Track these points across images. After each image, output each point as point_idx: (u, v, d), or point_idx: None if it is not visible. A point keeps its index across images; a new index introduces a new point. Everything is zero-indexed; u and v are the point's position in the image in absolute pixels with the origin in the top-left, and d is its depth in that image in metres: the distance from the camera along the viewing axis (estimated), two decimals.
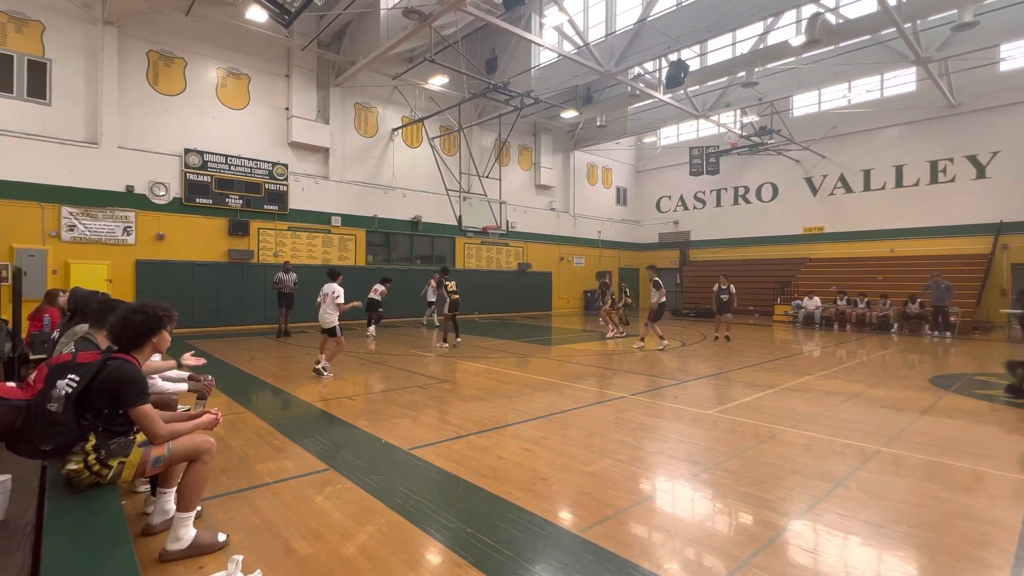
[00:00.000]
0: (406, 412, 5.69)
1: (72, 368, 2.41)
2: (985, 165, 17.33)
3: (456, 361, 9.33)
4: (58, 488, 2.36)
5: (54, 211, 11.97)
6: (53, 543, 1.90)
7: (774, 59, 15.00)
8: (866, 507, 3.28)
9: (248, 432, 4.83)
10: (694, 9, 13.75)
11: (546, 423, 5.25)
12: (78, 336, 3.36)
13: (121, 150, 12.83)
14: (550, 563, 2.64)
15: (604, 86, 18.46)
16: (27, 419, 2.32)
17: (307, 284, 13.53)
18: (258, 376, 7.71)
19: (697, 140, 24.19)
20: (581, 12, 18.27)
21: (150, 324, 2.60)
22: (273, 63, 15.31)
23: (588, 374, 8.12)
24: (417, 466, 4.03)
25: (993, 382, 7.55)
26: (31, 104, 11.79)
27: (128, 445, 2.45)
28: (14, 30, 11.61)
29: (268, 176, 15.15)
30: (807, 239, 21.49)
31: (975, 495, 3.52)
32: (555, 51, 14.86)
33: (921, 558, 2.72)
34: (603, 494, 3.47)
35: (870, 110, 19.25)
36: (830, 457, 4.24)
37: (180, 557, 2.58)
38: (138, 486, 3.32)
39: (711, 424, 5.27)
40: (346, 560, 2.63)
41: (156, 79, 13.41)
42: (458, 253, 20.05)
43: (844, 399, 6.38)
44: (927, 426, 5.22)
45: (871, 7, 12.59)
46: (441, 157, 17.85)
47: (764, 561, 2.64)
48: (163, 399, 3.31)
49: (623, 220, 26.99)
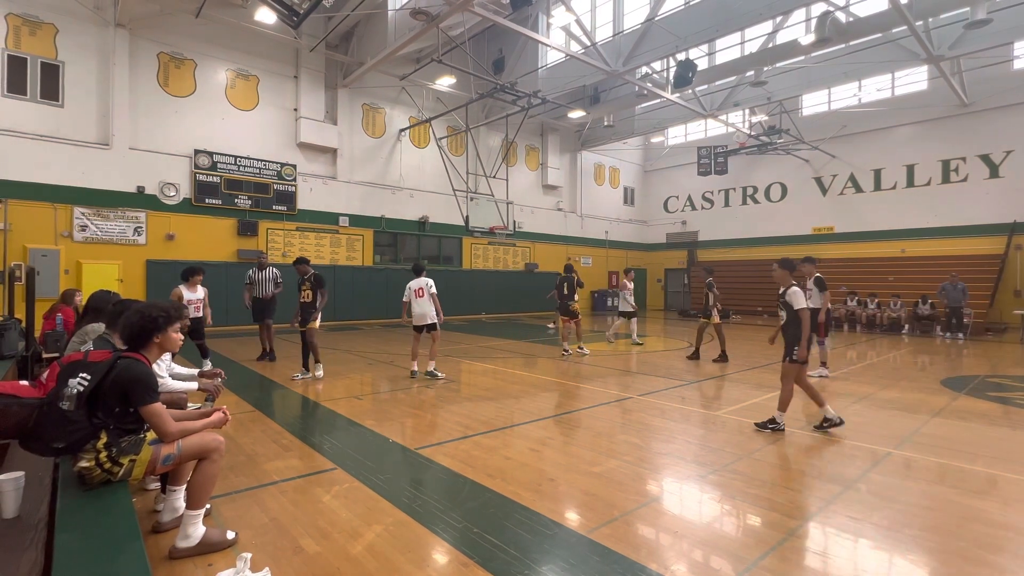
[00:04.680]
0: (413, 412, 5.71)
1: (84, 367, 2.44)
2: (998, 164, 17.09)
3: (463, 361, 9.33)
4: (70, 485, 2.39)
5: (66, 211, 12.11)
6: (65, 539, 1.92)
7: (783, 58, 14.89)
8: (876, 510, 3.25)
9: (256, 431, 4.86)
10: (702, 8, 13.67)
11: (553, 423, 5.24)
12: (90, 335, 3.41)
13: (132, 151, 12.97)
14: (556, 564, 2.63)
15: (611, 86, 18.41)
16: (40, 417, 2.35)
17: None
18: (267, 375, 7.76)
19: (705, 140, 24.06)
20: (588, 12, 18.24)
21: (146, 324, 2.61)
22: (282, 64, 15.41)
23: (595, 375, 8.09)
24: (424, 466, 4.03)
25: (1007, 384, 7.45)
26: (44, 106, 11.94)
27: (139, 443, 2.48)
28: (28, 33, 11.77)
29: (277, 177, 15.25)
30: (817, 239, 21.29)
31: (988, 499, 3.47)
32: (562, 51, 14.83)
33: (933, 562, 2.69)
34: (610, 495, 3.46)
35: (881, 109, 19.05)
36: (840, 459, 4.20)
37: (189, 554, 2.60)
38: (148, 484, 3.35)
39: (719, 425, 5.24)
40: (353, 559, 2.64)
41: (166, 81, 13.54)
42: (465, 253, 20.08)
43: (854, 400, 6.32)
44: (939, 428, 5.16)
45: (882, 5, 12.49)
46: (448, 157, 17.88)
47: (773, 564, 2.62)
48: (172, 398, 3.35)
49: (630, 220, 26.90)
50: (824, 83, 17.54)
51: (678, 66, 14.42)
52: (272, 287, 9.19)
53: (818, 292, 7.84)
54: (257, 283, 9.14)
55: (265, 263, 9.38)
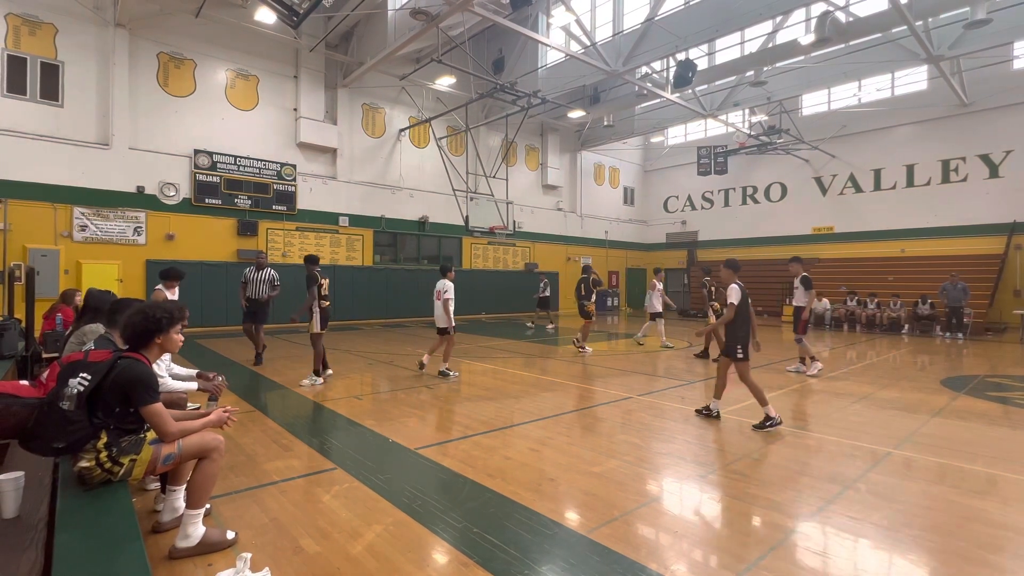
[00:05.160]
0: (413, 412, 5.71)
1: (84, 367, 2.44)
2: (998, 164, 17.10)
3: (463, 361, 9.33)
4: (70, 485, 2.39)
5: (66, 211, 12.11)
6: (65, 539, 1.92)
7: (783, 58, 14.89)
8: (876, 510, 3.25)
9: (256, 431, 4.86)
10: (702, 8, 13.67)
11: (553, 423, 5.24)
12: (88, 335, 3.41)
13: (132, 151, 12.96)
14: (556, 563, 2.64)
15: (611, 86, 18.41)
16: (40, 417, 2.35)
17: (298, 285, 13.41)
18: (266, 375, 7.75)
19: (705, 140, 24.06)
20: (588, 12, 18.23)
21: (148, 325, 2.61)
22: (281, 64, 15.40)
23: (595, 374, 8.09)
24: (424, 466, 4.04)
25: (1007, 384, 7.45)
26: (44, 106, 11.93)
27: (139, 443, 2.48)
28: (27, 33, 11.77)
29: (276, 177, 15.24)
30: (816, 239, 21.30)
31: (988, 498, 3.47)
32: (562, 51, 14.83)
33: (932, 562, 2.69)
34: (610, 495, 3.46)
35: (881, 109, 19.06)
36: (839, 459, 4.20)
37: (189, 554, 2.60)
38: (148, 484, 3.35)
39: (718, 425, 5.24)
40: (353, 559, 2.64)
41: (166, 81, 13.54)
42: (465, 253, 20.08)
43: (854, 400, 6.32)
44: (939, 428, 5.16)
45: (881, 5, 12.49)
46: (448, 157, 17.88)
47: (772, 563, 2.62)
48: (172, 398, 3.35)
49: (630, 220, 26.90)
50: (824, 83, 17.55)
51: (678, 66, 14.42)
52: (267, 288, 8.76)
53: (803, 290, 8.21)
54: (252, 283, 8.74)
55: (263, 263, 8.96)
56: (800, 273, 8.26)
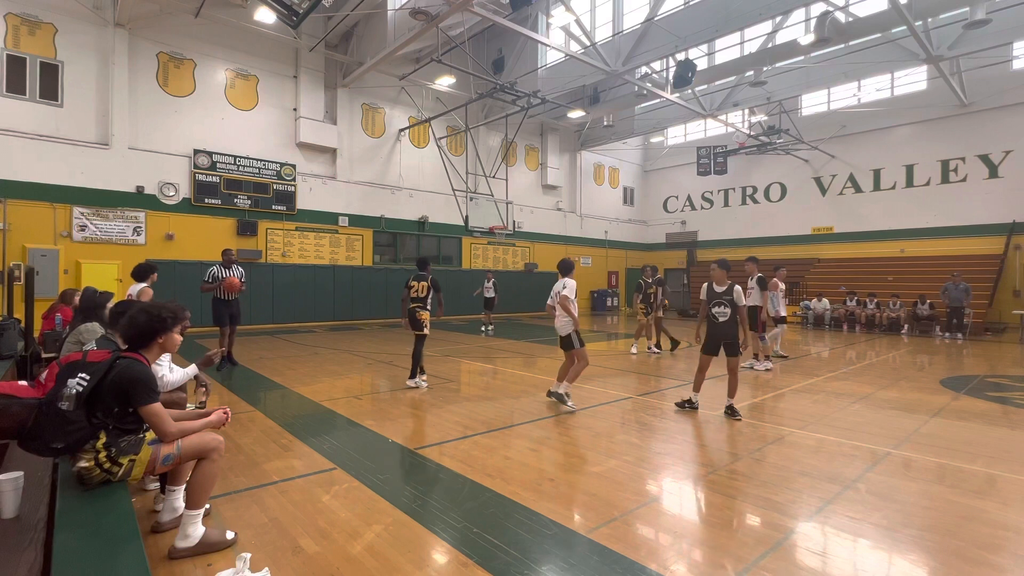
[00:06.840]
0: (413, 412, 5.71)
1: (83, 367, 2.44)
2: (997, 164, 17.11)
3: (462, 361, 9.33)
4: (69, 485, 2.39)
5: (65, 211, 12.10)
6: (64, 539, 1.92)
7: (783, 58, 14.90)
8: (876, 510, 3.25)
9: (256, 431, 4.86)
10: (702, 8, 13.68)
11: (552, 423, 5.24)
12: (84, 334, 3.41)
13: (131, 151, 12.95)
14: (556, 563, 2.63)
15: (611, 86, 18.40)
16: (39, 417, 2.35)
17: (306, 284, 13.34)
18: (266, 375, 7.75)
19: (705, 140, 24.07)
20: (588, 12, 18.23)
21: (153, 325, 2.61)
22: (281, 64, 15.40)
23: (594, 375, 8.09)
24: (424, 466, 4.03)
25: (1006, 384, 7.46)
26: (43, 106, 11.93)
27: (138, 443, 2.48)
28: (27, 32, 11.76)
29: (276, 176, 15.24)
30: (816, 239, 21.32)
31: (987, 498, 3.47)
32: (562, 51, 14.84)
33: (932, 562, 2.69)
34: (610, 495, 3.46)
35: (880, 109, 19.07)
36: (839, 459, 4.20)
37: (189, 554, 2.60)
38: (148, 484, 3.35)
39: (718, 426, 5.24)
40: (353, 559, 2.64)
41: (166, 80, 13.53)
42: (465, 253, 20.08)
43: (853, 400, 6.32)
44: (938, 428, 5.16)
45: (881, 5, 12.50)
46: (448, 157, 17.89)
47: (772, 563, 2.62)
48: (172, 398, 3.34)
49: (630, 220, 26.90)
50: (823, 83, 17.57)
51: (678, 66, 14.43)
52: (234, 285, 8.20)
53: (759, 290, 8.58)
54: (222, 282, 8.11)
55: (232, 259, 8.43)
56: (755, 273, 8.57)
